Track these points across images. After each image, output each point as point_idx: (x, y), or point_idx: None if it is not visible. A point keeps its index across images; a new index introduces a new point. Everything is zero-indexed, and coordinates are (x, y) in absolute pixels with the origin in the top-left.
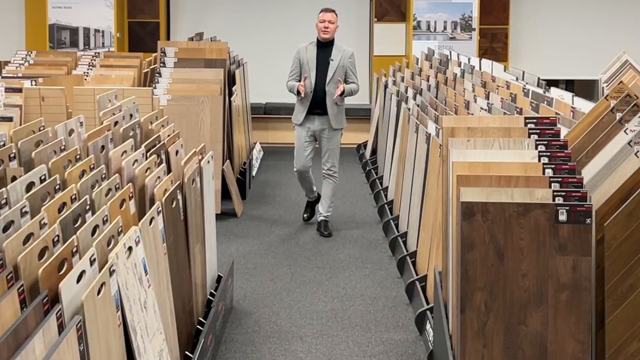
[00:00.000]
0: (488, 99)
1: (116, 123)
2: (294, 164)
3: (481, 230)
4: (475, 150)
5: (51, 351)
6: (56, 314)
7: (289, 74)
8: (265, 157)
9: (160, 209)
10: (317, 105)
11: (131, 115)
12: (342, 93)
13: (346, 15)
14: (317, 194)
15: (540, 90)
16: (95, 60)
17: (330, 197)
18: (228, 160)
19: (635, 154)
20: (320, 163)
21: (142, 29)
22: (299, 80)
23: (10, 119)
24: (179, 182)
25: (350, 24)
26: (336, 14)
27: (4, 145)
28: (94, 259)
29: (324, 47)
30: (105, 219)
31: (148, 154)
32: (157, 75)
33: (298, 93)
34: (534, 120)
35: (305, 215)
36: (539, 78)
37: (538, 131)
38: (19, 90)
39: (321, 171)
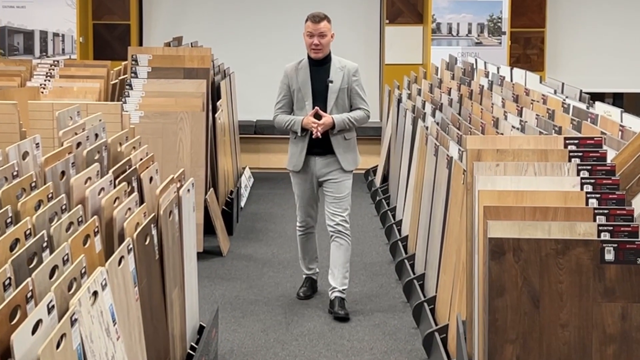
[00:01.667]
0: (521, 116)
1: (79, 144)
2: (296, 214)
3: (512, 271)
4: (506, 177)
5: None
6: None
7: (275, 104)
8: (256, 185)
9: (131, 246)
10: (318, 142)
11: (96, 135)
12: (333, 126)
13: (352, 16)
14: (317, 269)
15: (582, 106)
16: (54, 69)
17: (344, 264)
18: (212, 189)
19: None
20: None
21: (110, 33)
22: (291, 112)
23: None
24: (153, 214)
25: (356, 26)
26: (329, 20)
27: None
28: (53, 306)
29: (319, 64)
30: (65, 258)
31: (117, 181)
32: (127, 87)
33: (302, 130)
34: (576, 141)
35: (301, 291)
36: (581, 91)
37: (580, 154)
38: None
39: (327, 229)
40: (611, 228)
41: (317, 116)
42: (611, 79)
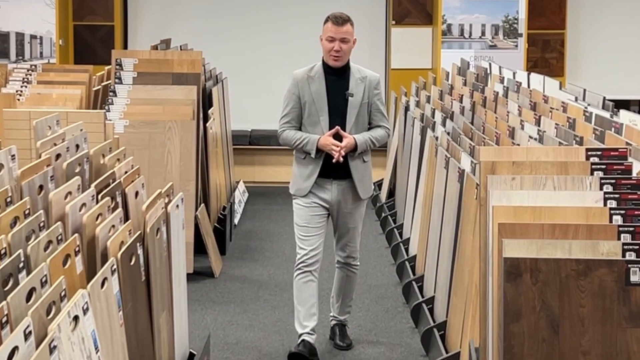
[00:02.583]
0: (539, 125)
1: (58, 156)
2: (297, 251)
3: (530, 294)
4: (523, 191)
5: None
6: None
7: (281, 117)
8: (251, 200)
9: (115, 267)
10: (334, 165)
11: (77, 146)
12: (355, 149)
13: (355, 16)
14: (314, 327)
15: (606, 114)
16: (31, 74)
17: (349, 294)
18: (203, 204)
19: None
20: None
21: (92, 35)
22: (299, 127)
23: None
24: (139, 232)
25: (360, 27)
26: (352, 24)
27: None
28: (30, 332)
29: (336, 74)
30: (44, 279)
31: (99, 196)
32: (111, 94)
33: (317, 152)
34: (599, 153)
35: (297, 349)
36: (604, 98)
37: (604, 166)
38: None
39: (335, 258)
40: (637, 247)
41: (336, 136)
42: (637, 85)
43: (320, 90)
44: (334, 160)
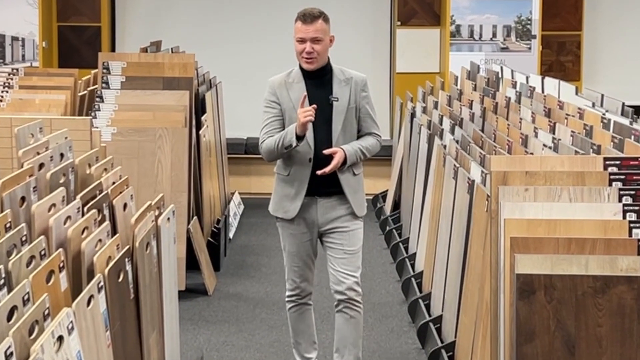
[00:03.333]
0: (553, 133)
1: (41, 166)
2: (287, 280)
3: (544, 313)
4: (536, 203)
5: None
6: None
7: (262, 129)
8: (247, 213)
9: (102, 283)
10: (321, 180)
11: (62, 155)
12: (345, 163)
13: (357, 16)
14: (317, 352)
15: (625, 121)
16: (12, 79)
17: (355, 342)
18: (196, 217)
19: None
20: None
21: (78, 36)
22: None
23: None
24: (127, 247)
25: (362, 29)
26: (326, 19)
27: None
28: (11, 353)
29: (317, 77)
30: (26, 297)
31: (85, 209)
32: (97, 99)
33: (299, 138)
34: (617, 162)
35: None
36: (623, 104)
37: (623, 177)
38: None
39: (333, 294)
40: None
41: (323, 156)
42: None
43: (299, 97)
44: (318, 173)
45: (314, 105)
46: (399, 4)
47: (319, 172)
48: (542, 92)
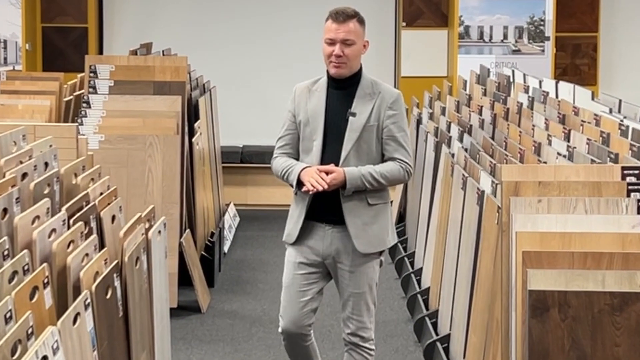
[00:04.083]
0: (568, 141)
1: (24, 175)
2: (279, 318)
3: (558, 332)
4: (550, 215)
5: None
6: None
7: (277, 142)
8: (243, 225)
9: (89, 300)
10: (327, 205)
11: (46, 164)
12: (344, 186)
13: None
14: None
15: None
16: None
17: None
18: (188, 230)
19: None
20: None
21: (63, 38)
22: (296, 156)
23: None
24: (116, 262)
25: (367, 30)
26: (361, 20)
27: None
28: None
29: (342, 86)
30: (8, 315)
31: (71, 221)
32: (84, 105)
33: (298, 185)
34: (636, 172)
35: None
36: None
37: None
38: None
39: (341, 335)
40: None
41: (330, 161)
42: None
43: (317, 108)
44: (302, 190)
45: (335, 174)
46: (404, 3)
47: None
48: (556, 97)
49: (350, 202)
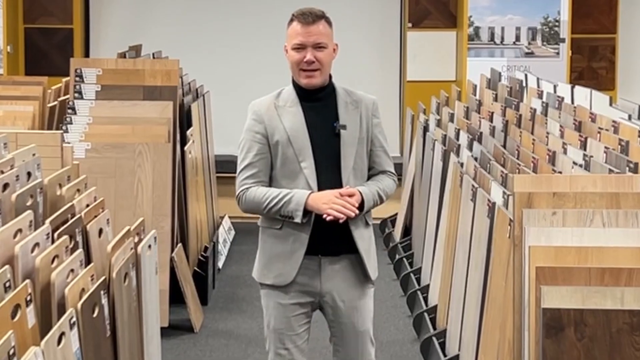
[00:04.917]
0: (585, 149)
1: (6, 186)
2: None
3: (574, 352)
4: (565, 229)
5: None
6: None
7: (240, 173)
8: (238, 239)
9: (74, 319)
10: (328, 235)
11: (29, 174)
12: (362, 206)
13: (362, 18)
14: None
15: None
16: None
17: None
18: (180, 244)
19: None
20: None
21: (47, 40)
22: (268, 183)
23: None
24: (103, 278)
25: (369, 31)
26: (329, 21)
27: None
28: None
29: (315, 99)
30: None
31: (55, 235)
32: (69, 111)
33: (306, 214)
34: None
35: None
36: None
37: None
38: None
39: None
40: None
41: (329, 184)
42: None
43: (296, 125)
44: (327, 219)
45: (357, 197)
46: (409, 3)
47: (328, 219)
48: (572, 102)
49: (358, 227)
